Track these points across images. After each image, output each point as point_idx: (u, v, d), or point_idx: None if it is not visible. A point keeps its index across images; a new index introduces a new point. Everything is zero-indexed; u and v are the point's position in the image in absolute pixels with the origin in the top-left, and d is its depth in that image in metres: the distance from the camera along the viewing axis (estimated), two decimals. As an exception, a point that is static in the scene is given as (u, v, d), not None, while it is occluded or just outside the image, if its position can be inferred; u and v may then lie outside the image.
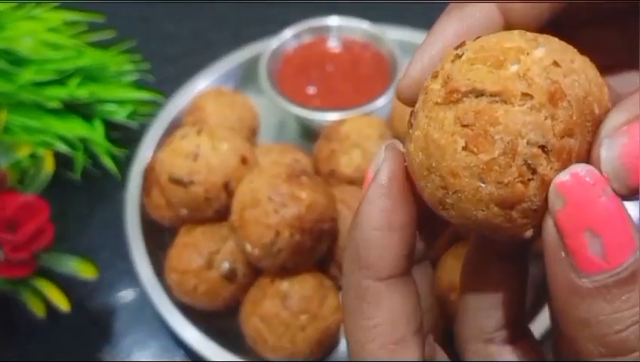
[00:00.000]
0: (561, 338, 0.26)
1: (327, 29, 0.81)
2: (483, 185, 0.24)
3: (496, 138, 0.23)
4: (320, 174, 0.67)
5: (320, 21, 0.81)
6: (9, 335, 0.65)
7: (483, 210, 0.24)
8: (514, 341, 0.31)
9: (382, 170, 0.27)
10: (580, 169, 0.23)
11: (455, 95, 0.24)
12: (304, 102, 0.74)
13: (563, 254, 0.23)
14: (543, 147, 0.23)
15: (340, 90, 0.76)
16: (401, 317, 0.27)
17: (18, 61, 0.71)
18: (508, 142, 0.23)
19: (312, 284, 0.58)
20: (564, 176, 0.23)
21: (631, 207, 0.27)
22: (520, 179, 0.23)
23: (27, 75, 0.70)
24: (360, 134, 0.67)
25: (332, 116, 0.72)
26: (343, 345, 0.61)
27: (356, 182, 0.66)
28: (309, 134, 0.76)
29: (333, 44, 0.80)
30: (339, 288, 0.61)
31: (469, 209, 0.24)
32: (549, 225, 0.23)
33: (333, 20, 0.80)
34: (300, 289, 0.57)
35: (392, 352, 0.27)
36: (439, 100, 0.25)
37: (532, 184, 0.23)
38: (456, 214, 0.25)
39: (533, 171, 0.23)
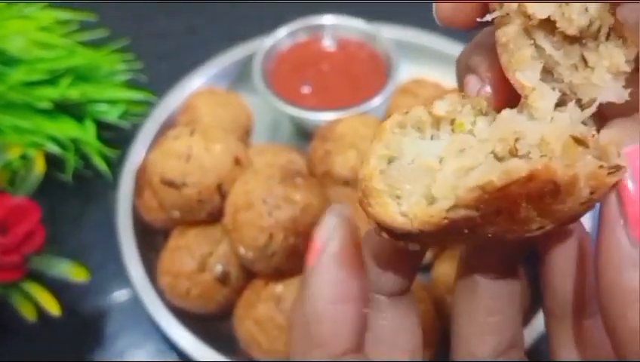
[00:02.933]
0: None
1: (321, 28, 0.80)
2: None
3: None
4: (315, 175, 0.67)
5: (315, 20, 0.80)
6: (0, 338, 0.64)
7: None
8: None
9: (332, 238, 0.26)
10: None
11: None
12: (299, 101, 0.73)
13: (622, 222, 0.23)
14: None
15: (335, 90, 0.76)
16: None
17: (8, 61, 0.70)
18: None
19: (306, 287, 0.57)
20: (630, 148, 0.23)
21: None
22: None
23: (17, 75, 0.70)
24: (355, 134, 0.66)
25: (327, 116, 0.71)
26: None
27: (351, 183, 0.65)
28: (304, 134, 0.75)
29: (328, 43, 0.80)
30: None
31: None
32: (612, 194, 0.24)
33: (328, 19, 0.80)
34: (294, 292, 0.56)
35: None
36: None
37: None
38: None
39: None
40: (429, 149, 0.26)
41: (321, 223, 0.27)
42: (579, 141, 0.24)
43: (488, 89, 0.27)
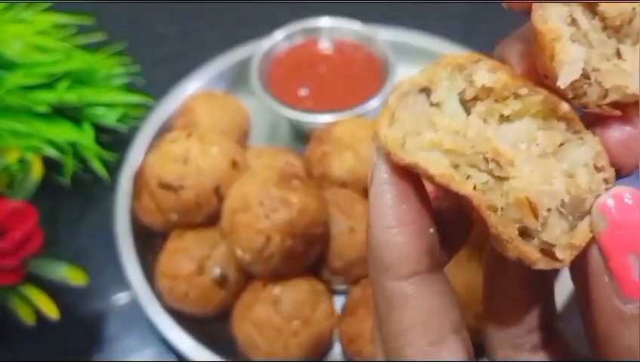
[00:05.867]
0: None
1: (318, 30, 0.80)
2: None
3: None
4: (312, 177, 0.67)
5: (311, 22, 0.80)
6: (-1, 342, 0.65)
7: None
8: (545, 345, 0.30)
9: (378, 167, 0.26)
10: (622, 191, 0.23)
11: None
12: (296, 103, 0.73)
13: (607, 278, 0.23)
14: None
15: (332, 92, 0.76)
16: (432, 317, 0.26)
17: (6, 65, 0.70)
18: None
19: (304, 289, 0.57)
20: (606, 198, 0.23)
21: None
22: None
23: (15, 78, 0.70)
24: (352, 136, 0.66)
25: (324, 118, 0.71)
26: (336, 350, 0.61)
27: (348, 184, 0.65)
28: (302, 136, 0.75)
29: (325, 46, 0.80)
30: (332, 292, 0.61)
31: None
32: (593, 248, 0.23)
33: (325, 21, 0.80)
34: (292, 294, 0.57)
35: (428, 354, 0.26)
36: None
37: None
38: None
39: None
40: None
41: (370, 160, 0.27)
42: None
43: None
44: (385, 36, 0.79)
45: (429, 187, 0.27)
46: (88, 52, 0.76)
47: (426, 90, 0.27)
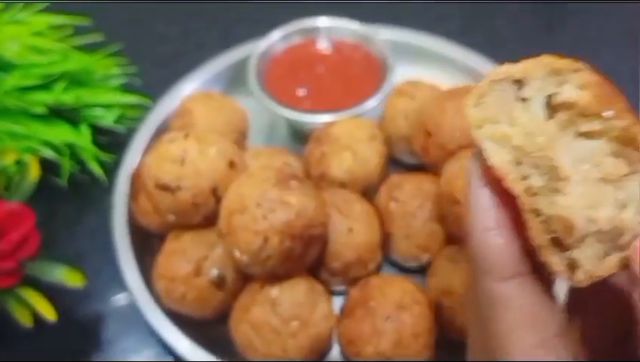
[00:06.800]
0: None
1: (316, 30, 0.80)
2: None
3: None
4: (311, 177, 0.66)
5: (309, 22, 0.80)
6: (-4, 345, 0.64)
7: None
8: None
9: (474, 171, 0.27)
10: None
11: None
12: (294, 104, 0.73)
13: None
14: None
15: (330, 92, 0.75)
16: (536, 319, 0.26)
17: (3, 66, 0.70)
18: None
19: (302, 290, 0.57)
20: None
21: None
22: None
23: (12, 80, 0.69)
24: (351, 136, 0.66)
25: (322, 118, 0.71)
26: (335, 351, 0.61)
27: (347, 184, 0.65)
28: (300, 136, 0.75)
29: (323, 45, 0.79)
30: (330, 293, 0.61)
31: None
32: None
33: (323, 21, 0.80)
34: (290, 295, 0.56)
35: (533, 356, 0.26)
36: None
37: None
38: None
39: None
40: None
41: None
42: None
43: None
44: (383, 36, 0.79)
45: None
46: (85, 53, 0.76)
47: (519, 83, 0.28)
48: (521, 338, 0.26)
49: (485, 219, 0.27)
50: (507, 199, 0.27)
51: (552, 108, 0.27)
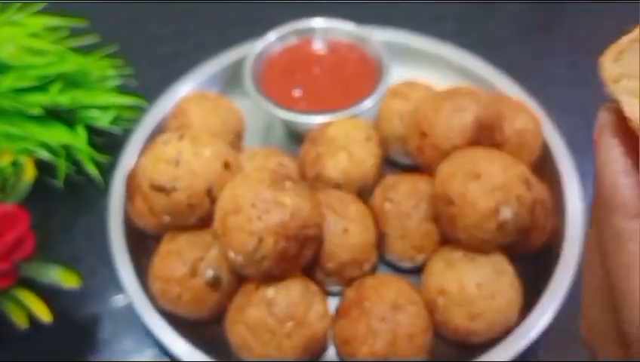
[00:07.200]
0: None
1: (312, 31, 0.80)
2: None
3: None
4: (306, 178, 0.67)
5: (305, 23, 0.80)
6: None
7: None
8: None
9: (607, 122, 0.30)
10: None
11: None
12: (290, 105, 0.73)
13: None
14: None
15: (326, 93, 0.76)
16: None
17: (-2, 68, 0.70)
18: None
19: (298, 290, 0.57)
20: None
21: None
22: None
23: (8, 81, 0.69)
24: (346, 137, 0.66)
25: (318, 119, 0.71)
26: (330, 352, 0.61)
27: (342, 185, 0.65)
28: (296, 137, 0.75)
29: (319, 46, 0.80)
30: (326, 294, 0.61)
31: None
32: None
33: (318, 22, 0.80)
34: (285, 295, 0.56)
35: None
36: None
37: None
38: None
39: None
40: None
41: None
42: None
43: None
44: (379, 37, 0.79)
45: None
46: (81, 54, 0.76)
47: None
48: None
49: (616, 164, 0.30)
50: (637, 149, 0.30)
51: None
